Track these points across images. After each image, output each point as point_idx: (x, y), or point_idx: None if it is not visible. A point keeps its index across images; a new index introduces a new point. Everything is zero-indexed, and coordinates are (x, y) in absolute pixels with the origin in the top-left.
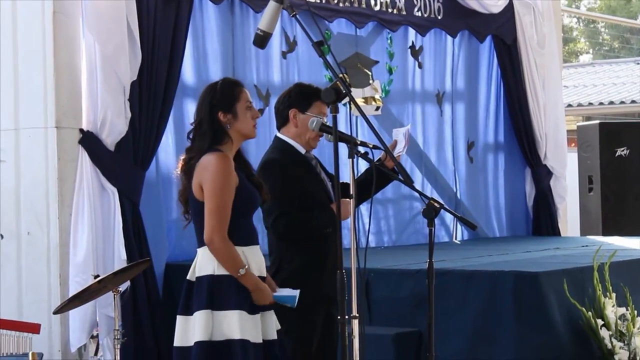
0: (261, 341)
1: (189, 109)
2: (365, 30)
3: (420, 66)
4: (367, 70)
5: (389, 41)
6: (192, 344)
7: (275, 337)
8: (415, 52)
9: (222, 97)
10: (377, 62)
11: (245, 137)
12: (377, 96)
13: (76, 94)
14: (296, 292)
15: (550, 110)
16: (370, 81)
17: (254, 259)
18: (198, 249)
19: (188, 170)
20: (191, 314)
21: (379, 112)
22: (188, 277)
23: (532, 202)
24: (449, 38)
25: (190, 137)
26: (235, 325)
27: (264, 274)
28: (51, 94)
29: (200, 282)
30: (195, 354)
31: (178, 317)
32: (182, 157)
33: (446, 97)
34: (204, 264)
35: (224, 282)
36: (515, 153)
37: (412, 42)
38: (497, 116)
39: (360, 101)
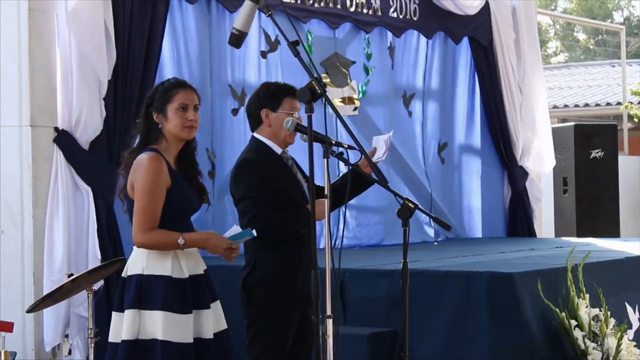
0: (190, 340)
1: None
2: (342, 31)
3: (392, 67)
4: (345, 70)
5: (366, 42)
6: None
7: (210, 336)
8: (393, 53)
9: (157, 97)
10: (354, 62)
11: (177, 138)
12: (354, 96)
13: (51, 92)
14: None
15: (528, 111)
16: (348, 81)
17: (187, 259)
18: (134, 247)
19: (127, 166)
20: (123, 312)
21: (356, 112)
22: (122, 275)
23: (508, 204)
24: (423, 38)
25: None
26: (159, 326)
27: (200, 272)
28: (26, 92)
29: (129, 281)
30: (120, 352)
31: (113, 313)
32: (124, 152)
33: (416, 97)
34: (135, 263)
35: (152, 282)
36: (492, 154)
37: (390, 43)
38: (474, 117)
39: (338, 101)
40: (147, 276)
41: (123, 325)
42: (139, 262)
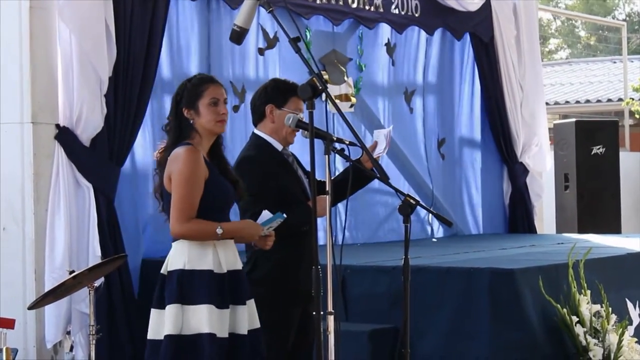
0: (226, 335)
1: (168, 104)
2: (341, 27)
3: (393, 64)
4: (342, 67)
5: (359, 38)
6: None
7: (245, 332)
8: (391, 50)
9: (187, 93)
10: (350, 59)
11: (210, 132)
12: (350, 93)
13: (52, 89)
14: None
15: (528, 107)
16: (345, 78)
17: (226, 254)
18: (173, 243)
19: (161, 164)
20: (164, 308)
21: (352, 109)
22: (161, 271)
23: (508, 200)
24: (423, 34)
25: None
26: (204, 319)
27: (238, 267)
28: (27, 89)
29: (170, 276)
30: (164, 347)
31: (152, 310)
32: (157, 151)
33: (417, 94)
34: (176, 258)
35: (194, 276)
36: (492, 150)
37: (388, 39)
38: (474, 114)
39: (335, 98)
40: (189, 271)
41: (165, 321)
42: (180, 258)
